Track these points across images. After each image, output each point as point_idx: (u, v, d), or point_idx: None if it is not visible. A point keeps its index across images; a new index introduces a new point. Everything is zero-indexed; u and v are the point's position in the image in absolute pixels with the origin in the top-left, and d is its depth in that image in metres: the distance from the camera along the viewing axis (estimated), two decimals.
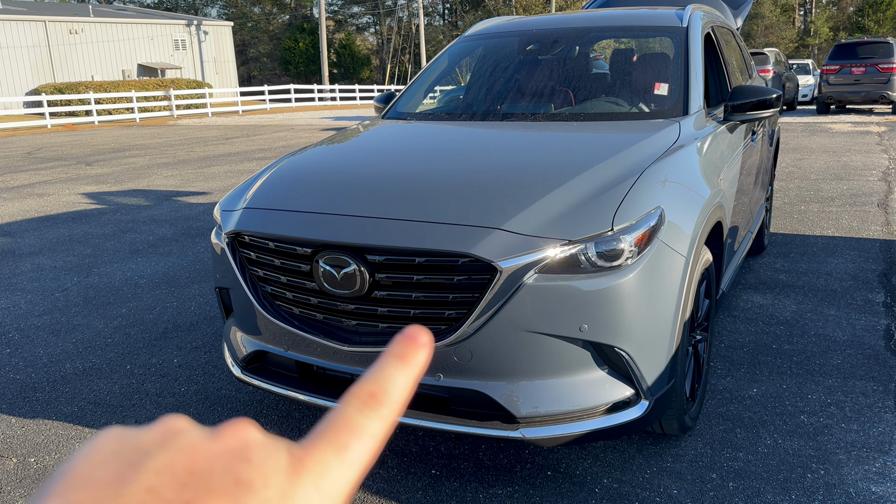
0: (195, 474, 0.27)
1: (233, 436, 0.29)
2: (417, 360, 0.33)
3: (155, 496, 0.26)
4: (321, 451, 0.30)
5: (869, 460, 2.71)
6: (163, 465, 0.27)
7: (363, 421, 0.31)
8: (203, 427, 0.30)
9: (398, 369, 0.33)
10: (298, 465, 0.29)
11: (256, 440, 0.29)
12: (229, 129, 21.24)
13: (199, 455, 0.28)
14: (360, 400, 0.31)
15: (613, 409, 2.38)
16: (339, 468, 0.30)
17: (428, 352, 0.34)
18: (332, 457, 0.30)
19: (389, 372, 0.33)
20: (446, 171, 2.80)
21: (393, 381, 0.32)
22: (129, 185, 10.23)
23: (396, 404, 0.32)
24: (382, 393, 0.32)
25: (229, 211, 2.79)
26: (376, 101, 4.27)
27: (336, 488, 0.29)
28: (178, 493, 0.26)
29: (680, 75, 3.45)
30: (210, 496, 0.26)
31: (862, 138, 12.99)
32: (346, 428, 0.30)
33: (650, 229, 2.38)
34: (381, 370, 0.33)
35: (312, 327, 2.53)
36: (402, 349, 0.33)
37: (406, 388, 0.33)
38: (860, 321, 4.06)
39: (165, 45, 37.37)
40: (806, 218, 6.70)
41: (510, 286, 2.24)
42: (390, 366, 0.33)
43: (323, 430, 0.31)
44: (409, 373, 0.33)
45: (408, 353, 0.33)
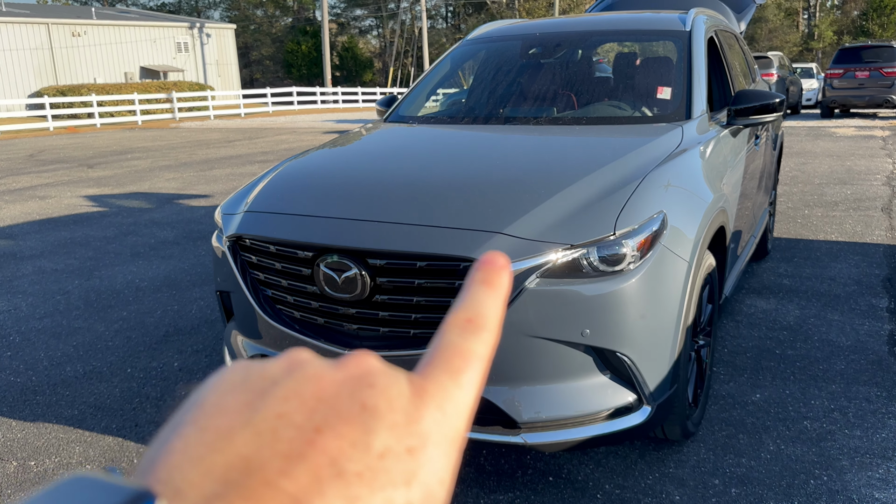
0: (322, 400, 0.27)
1: (355, 365, 0.29)
2: (502, 282, 0.34)
3: (285, 421, 0.26)
4: (438, 376, 0.30)
5: (872, 466, 2.69)
6: (291, 392, 0.27)
7: (468, 345, 0.31)
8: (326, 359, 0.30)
9: (487, 294, 0.33)
10: (420, 391, 0.29)
11: (378, 368, 0.30)
12: (231, 132, 21.26)
13: (324, 382, 0.28)
14: (459, 327, 0.32)
15: (616, 415, 2.37)
16: (456, 391, 0.30)
17: (509, 273, 0.34)
18: (448, 380, 0.30)
19: (480, 297, 0.33)
20: (448, 174, 2.79)
21: (485, 305, 0.33)
22: (130, 188, 10.23)
23: (493, 326, 0.32)
24: (478, 317, 0.32)
25: (230, 214, 2.78)
26: (378, 105, 4.26)
27: (458, 410, 0.30)
28: (307, 418, 0.26)
29: (683, 79, 3.44)
30: (338, 420, 0.27)
31: (866, 142, 12.97)
32: (456, 353, 0.31)
33: (653, 234, 2.37)
34: (471, 297, 0.33)
35: (313, 331, 2.52)
36: (484, 275, 0.34)
37: (497, 309, 0.33)
38: (864, 326, 4.04)
39: (168, 47, 37.46)
40: (810, 222, 6.68)
41: (512, 290, 2.23)
42: (479, 291, 0.33)
43: (434, 357, 0.31)
44: (496, 295, 0.33)
45: (491, 278, 0.34)
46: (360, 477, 0.25)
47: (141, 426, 3.18)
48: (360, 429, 0.27)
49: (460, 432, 0.29)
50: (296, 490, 0.24)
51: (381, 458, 0.26)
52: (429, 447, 0.28)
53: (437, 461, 0.28)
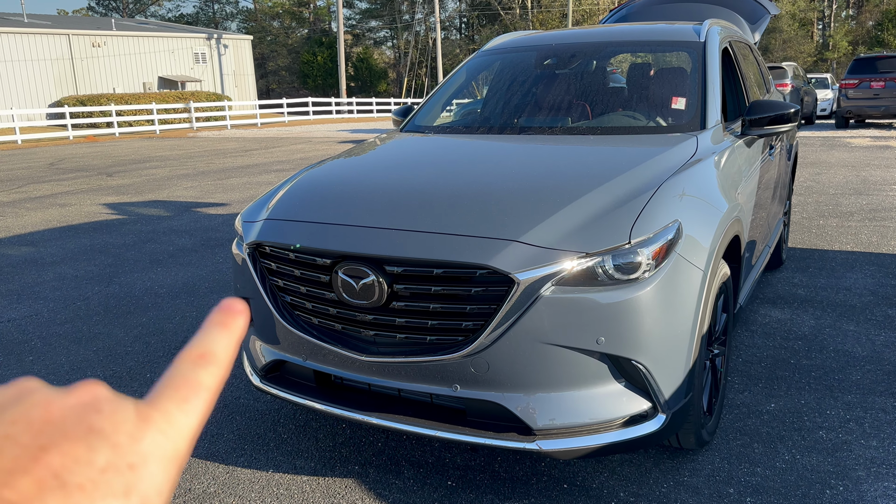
0: (50, 423, 0.30)
1: (83, 392, 0.32)
2: (236, 325, 0.37)
3: (11, 441, 0.28)
4: (164, 403, 0.33)
5: (889, 477, 2.68)
6: (18, 416, 0.30)
7: (197, 377, 0.34)
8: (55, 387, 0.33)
9: (221, 333, 0.36)
10: (145, 415, 0.32)
11: (105, 395, 0.32)
12: (248, 142, 21.45)
13: (52, 407, 0.31)
14: (191, 361, 0.35)
15: (630, 423, 2.38)
16: (181, 417, 0.33)
17: (245, 319, 0.38)
18: (174, 407, 0.33)
19: (214, 336, 0.36)
20: (464, 183, 2.82)
21: (217, 343, 0.36)
22: (149, 196, 10.36)
23: (223, 362, 0.35)
24: (210, 353, 0.35)
25: (251, 222, 2.83)
26: (394, 115, 4.31)
27: (180, 433, 0.33)
28: (33, 439, 0.29)
29: (697, 90, 3.46)
30: (64, 440, 0.29)
31: (881, 153, 12.89)
32: (184, 383, 0.34)
33: (668, 243, 2.39)
34: (205, 335, 0.36)
35: (331, 337, 2.56)
36: (221, 317, 0.37)
37: (230, 348, 0.36)
38: (880, 337, 4.03)
39: (186, 58, 37.89)
40: (825, 233, 6.65)
41: (527, 298, 2.26)
42: (214, 331, 0.36)
43: (163, 386, 0.34)
44: (230, 336, 0.36)
45: (227, 320, 0.37)
46: (82, 488, 0.28)
47: None
48: (84, 447, 0.29)
49: (181, 452, 0.32)
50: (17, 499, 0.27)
51: (103, 472, 0.29)
52: (149, 464, 0.31)
53: (156, 476, 0.31)
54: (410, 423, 2.47)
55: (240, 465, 2.92)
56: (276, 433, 3.15)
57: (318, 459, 2.92)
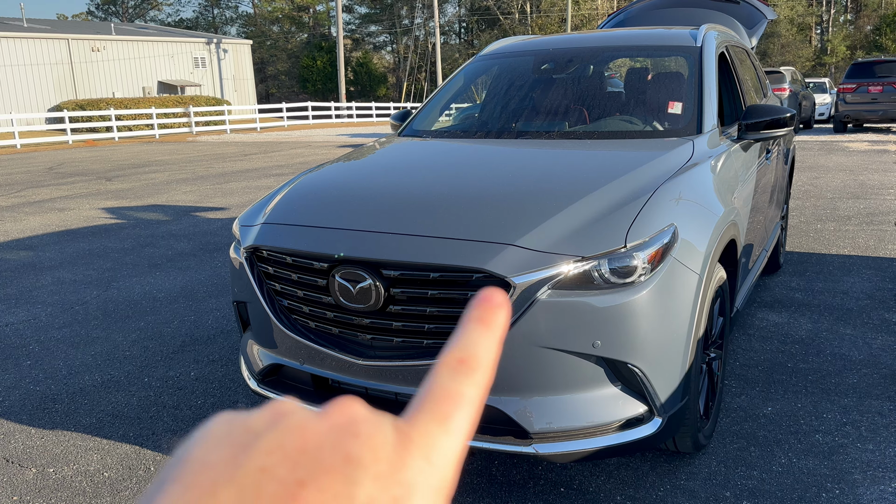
0: (305, 452, 0.27)
1: (339, 413, 0.29)
2: (498, 321, 0.33)
3: (268, 475, 0.26)
4: (425, 422, 0.30)
5: (885, 480, 2.69)
6: (274, 445, 0.27)
7: (459, 388, 0.31)
8: (311, 407, 0.31)
9: (481, 333, 0.32)
10: (405, 438, 0.29)
11: (363, 416, 0.29)
12: (247, 146, 21.48)
13: (308, 433, 0.28)
14: (451, 368, 0.31)
15: (627, 426, 2.38)
16: (444, 438, 0.29)
17: (507, 312, 0.33)
18: (435, 427, 0.29)
19: (474, 336, 0.32)
20: (461, 187, 2.83)
21: (479, 345, 0.32)
22: (148, 201, 10.37)
23: (487, 367, 0.32)
24: (471, 358, 0.31)
25: (248, 226, 2.84)
26: (393, 119, 4.32)
27: (445, 458, 0.29)
28: (290, 472, 0.27)
29: (694, 94, 3.47)
30: (322, 473, 0.27)
31: (879, 157, 12.91)
32: (445, 397, 0.30)
33: (663, 246, 2.39)
34: (465, 336, 0.32)
35: (328, 341, 2.56)
36: (481, 312, 0.33)
37: (492, 349, 0.32)
38: (877, 340, 4.03)
39: (185, 62, 37.93)
40: (822, 236, 6.66)
41: (524, 301, 2.26)
42: (473, 330, 0.32)
43: (422, 401, 0.30)
44: (492, 335, 0.32)
45: (487, 316, 0.33)
46: None
47: (158, 435, 3.23)
48: (343, 481, 0.26)
49: (447, 481, 0.29)
50: None
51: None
52: (414, 497, 0.27)
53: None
54: None
55: None
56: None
57: None
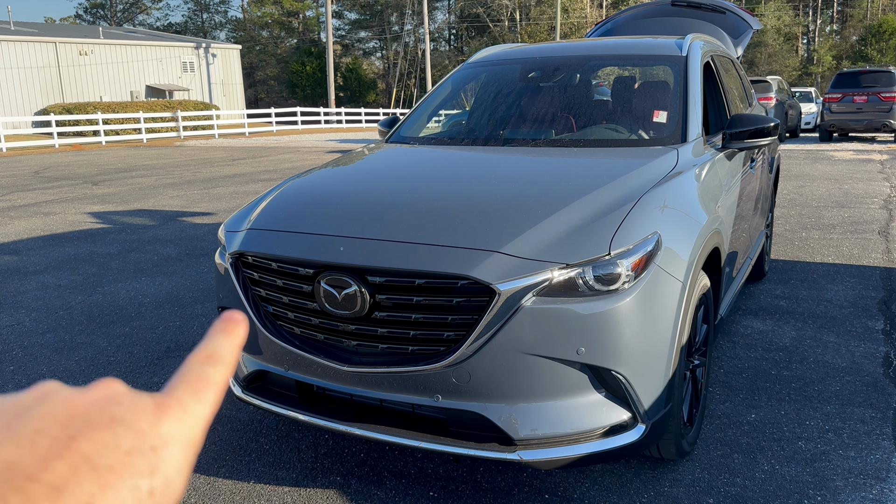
0: (75, 416, 0.33)
1: (102, 388, 0.35)
2: (238, 332, 0.41)
3: (42, 434, 0.31)
4: (180, 394, 0.36)
5: (866, 487, 2.71)
6: (45, 413, 0.33)
7: (208, 372, 0.38)
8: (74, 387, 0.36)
9: (225, 338, 0.40)
10: (163, 405, 0.35)
11: (123, 390, 0.36)
12: (235, 151, 21.41)
13: (76, 403, 0.34)
14: (200, 360, 0.39)
15: (611, 433, 2.39)
16: (195, 406, 0.36)
17: (245, 327, 0.42)
18: (188, 397, 0.36)
19: (218, 340, 0.40)
20: (447, 194, 2.84)
21: (223, 346, 0.40)
22: (134, 205, 10.31)
23: (229, 362, 0.39)
24: (216, 354, 0.39)
25: (233, 232, 2.83)
26: (380, 126, 4.33)
27: (195, 420, 0.36)
28: (62, 430, 0.32)
29: (679, 103, 3.50)
30: (90, 429, 0.32)
31: (864, 166, 13.05)
32: (196, 377, 0.38)
33: (647, 254, 2.41)
34: (210, 340, 0.40)
35: (313, 347, 2.56)
36: (224, 325, 0.41)
37: (234, 351, 0.40)
38: (859, 348, 4.07)
39: (174, 67, 37.81)
40: (807, 245, 6.72)
41: (508, 309, 2.27)
42: (218, 336, 0.40)
43: (177, 380, 0.37)
44: (233, 340, 0.41)
45: (229, 328, 0.41)
46: (111, 469, 0.32)
47: None
48: (110, 434, 0.33)
49: (197, 437, 0.36)
50: (55, 480, 0.30)
51: (129, 454, 0.32)
52: (170, 446, 0.34)
53: (176, 457, 0.34)
54: (392, 433, 2.47)
55: (221, 475, 2.90)
56: (258, 444, 3.14)
57: (299, 470, 2.91)
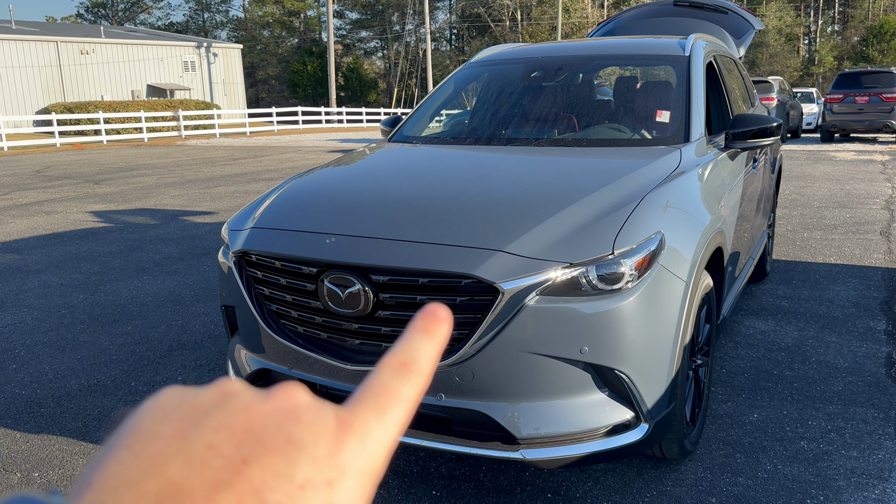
0: (250, 432, 0.29)
1: (284, 397, 0.31)
2: (440, 332, 0.36)
3: (214, 451, 0.28)
4: (363, 413, 0.32)
5: (868, 487, 2.71)
6: (221, 423, 0.29)
7: (397, 386, 0.33)
8: (256, 389, 0.32)
9: (423, 341, 0.35)
10: (345, 425, 0.31)
11: (306, 402, 0.32)
12: (237, 150, 21.42)
13: (253, 414, 0.30)
14: (392, 369, 0.34)
15: (613, 432, 2.40)
16: (379, 428, 0.32)
17: (448, 325, 0.36)
18: (373, 418, 0.32)
19: (416, 343, 0.35)
20: (451, 193, 2.84)
21: (420, 351, 0.35)
22: (136, 204, 10.32)
23: (425, 371, 0.34)
24: (412, 362, 0.34)
25: (237, 230, 2.83)
26: (383, 125, 4.33)
27: (378, 446, 0.32)
28: (235, 449, 0.28)
29: (682, 103, 3.51)
30: (264, 452, 0.29)
31: (865, 167, 13.04)
32: (384, 393, 0.33)
33: (650, 253, 2.41)
34: (408, 342, 0.35)
35: (316, 346, 2.56)
36: (425, 323, 0.36)
37: (432, 357, 0.35)
38: (861, 348, 4.07)
39: (175, 66, 37.82)
40: (808, 245, 6.72)
41: (512, 307, 2.27)
42: (416, 338, 0.35)
43: (362, 394, 0.33)
44: (433, 344, 0.35)
45: (431, 327, 0.36)
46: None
47: None
48: (284, 461, 0.29)
49: (378, 467, 0.32)
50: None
51: (302, 489, 0.28)
52: (346, 479, 0.30)
53: (352, 492, 0.30)
54: None
55: None
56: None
57: None
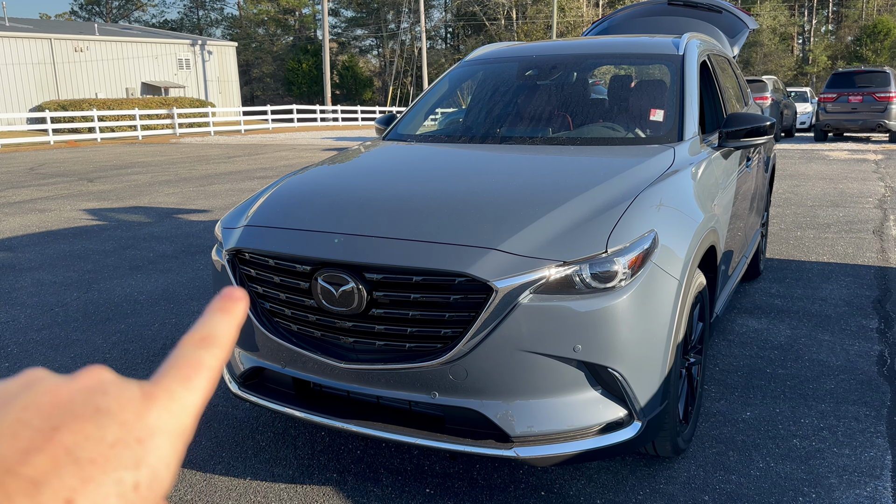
0: (59, 406, 0.32)
1: (88, 377, 0.34)
2: (237, 310, 0.39)
3: (23, 424, 0.30)
4: (168, 381, 0.35)
5: (860, 485, 2.72)
6: (28, 402, 0.31)
7: (200, 358, 0.36)
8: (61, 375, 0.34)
9: (222, 318, 0.38)
10: (149, 394, 0.34)
11: (110, 378, 0.34)
12: (231, 148, 21.37)
13: (60, 392, 0.32)
14: (193, 343, 0.37)
15: (607, 430, 2.40)
16: (185, 394, 0.35)
17: (245, 305, 0.40)
18: (177, 385, 0.35)
19: (215, 321, 0.38)
20: (445, 191, 2.85)
21: (219, 327, 0.38)
22: (130, 202, 10.29)
23: (225, 344, 0.37)
24: (212, 336, 0.37)
25: (230, 228, 2.83)
26: (377, 123, 4.33)
27: (184, 409, 0.34)
28: (44, 421, 0.31)
29: (675, 102, 3.51)
30: (74, 420, 0.31)
31: (859, 166, 13.09)
32: (187, 363, 0.36)
33: (644, 252, 2.42)
34: (207, 320, 0.38)
35: (310, 344, 2.56)
36: (222, 304, 0.39)
37: (231, 332, 0.38)
38: (854, 347, 4.09)
39: (169, 64, 37.71)
40: (802, 244, 6.75)
41: (505, 306, 2.28)
42: (215, 316, 0.38)
43: (167, 366, 0.36)
44: (231, 320, 0.38)
45: (228, 306, 0.39)
46: (94, 462, 0.30)
47: None
48: (93, 425, 0.31)
49: (186, 427, 0.34)
50: (35, 474, 0.29)
51: (113, 446, 0.31)
52: (156, 438, 0.32)
53: (163, 449, 0.33)
54: (389, 430, 2.48)
55: (217, 472, 2.90)
56: (255, 440, 3.14)
57: (296, 467, 2.92)
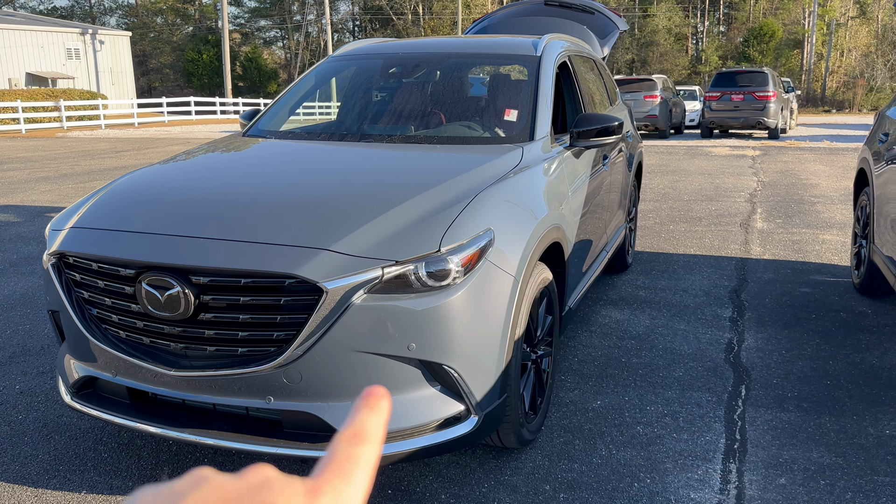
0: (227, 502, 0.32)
1: (254, 474, 0.35)
2: (382, 407, 0.40)
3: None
4: (330, 476, 0.36)
5: (693, 468, 2.87)
6: (198, 499, 0.32)
7: (356, 452, 0.37)
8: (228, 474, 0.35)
9: (370, 415, 0.39)
10: (314, 489, 0.35)
11: (275, 476, 0.35)
12: (121, 142, 20.41)
13: (228, 490, 0.33)
14: (346, 441, 0.38)
15: (445, 425, 2.43)
16: (347, 489, 0.36)
17: (388, 401, 0.41)
18: (339, 480, 0.36)
19: (364, 417, 0.39)
20: (286, 190, 2.80)
21: (368, 424, 0.39)
22: (0, 201, 9.64)
23: (376, 440, 0.39)
24: (363, 432, 0.38)
25: (57, 230, 2.69)
26: (241, 118, 4.22)
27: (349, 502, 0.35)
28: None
29: (529, 102, 3.59)
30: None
31: (737, 161, 13.85)
32: (344, 458, 0.37)
33: (479, 250, 2.46)
34: (356, 418, 0.39)
35: (140, 352, 2.47)
36: (367, 402, 0.40)
37: (380, 427, 0.39)
38: (706, 335, 4.31)
39: (57, 53, 35.64)
40: (673, 237, 7.07)
41: (338, 307, 2.26)
42: (363, 413, 0.40)
43: (325, 464, 0.37)
44: (378, 416, 0.40)
45: (374, 403, 0.40)
46: None
47: None
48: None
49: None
50: None
51: None
52: None
53: None
54: (225, 437, 2.42)
55: (51, 487, 2.76)
56: (97, 452, 3.00)
57: (137, 479, 2.81)
